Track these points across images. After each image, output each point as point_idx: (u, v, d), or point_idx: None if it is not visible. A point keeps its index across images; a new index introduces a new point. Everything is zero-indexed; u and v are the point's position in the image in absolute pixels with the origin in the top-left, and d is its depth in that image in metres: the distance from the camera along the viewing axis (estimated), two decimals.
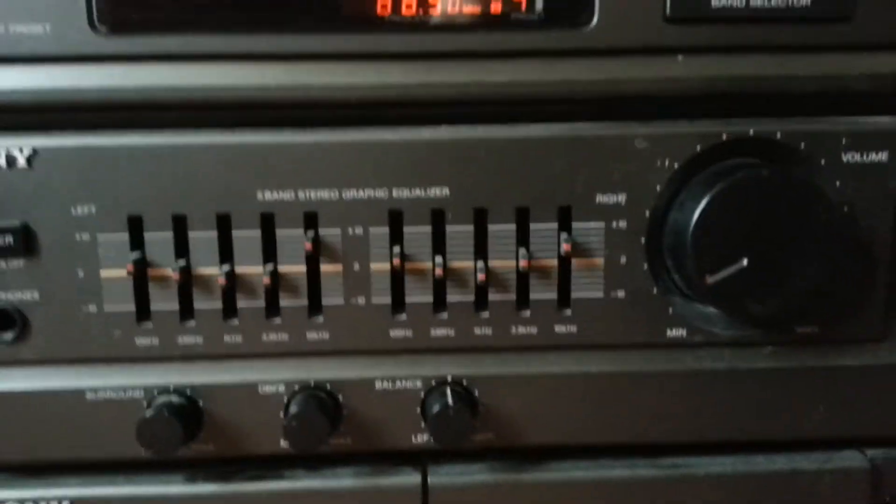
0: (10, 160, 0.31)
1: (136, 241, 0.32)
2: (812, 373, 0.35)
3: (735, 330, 0.34)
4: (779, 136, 0.33)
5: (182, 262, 0.32)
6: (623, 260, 0.33)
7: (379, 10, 0.31)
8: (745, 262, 0.31)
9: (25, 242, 0.32)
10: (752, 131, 0.32)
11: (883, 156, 0.33)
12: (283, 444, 0.33)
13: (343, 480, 0.35)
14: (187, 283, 0.32)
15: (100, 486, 0.34)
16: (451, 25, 0.31)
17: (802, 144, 0.33)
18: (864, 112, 0.33)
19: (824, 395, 0.35)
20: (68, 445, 0.34)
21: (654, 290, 0.34)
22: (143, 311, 0.33)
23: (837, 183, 0.33)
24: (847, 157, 0.33)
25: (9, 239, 0.31)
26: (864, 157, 0.33)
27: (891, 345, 0.35)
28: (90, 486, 0.34)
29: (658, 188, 0.33)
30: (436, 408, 0.33)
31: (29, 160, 0.31)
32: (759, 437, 0.36)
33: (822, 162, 0.33)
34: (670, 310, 0.34)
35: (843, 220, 0.33)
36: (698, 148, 0.32)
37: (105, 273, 0.32)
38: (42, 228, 0.32)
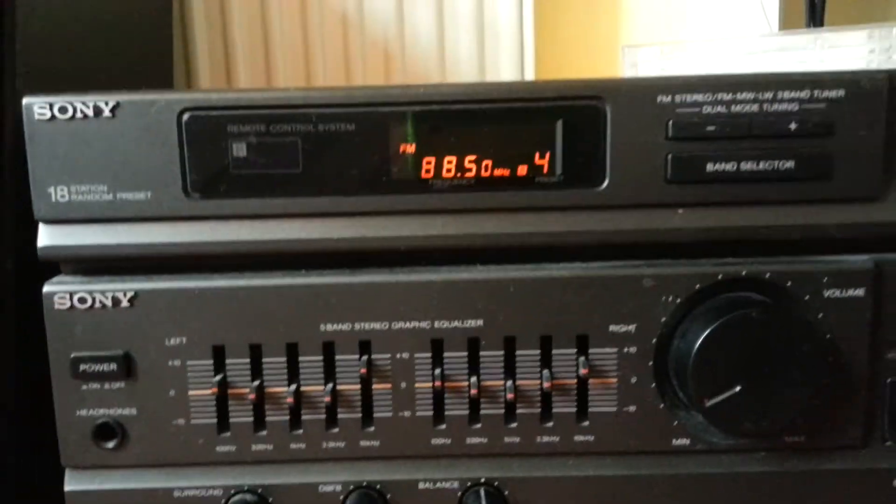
0: (116, 301, 0.37)
1: (219, 366, 0.38)
2: (801, 476, 0.40)
3: (732, 440, 0.40)
4: (768, 275, 0.38)
5: (257, 383, 0.38)
6: (633, 380, 0.39)
7: (423, 174, 0.37)
8: (738, 388, 0.37)
9: (126, 368, 0.38)
10: (744, 272, 0.38)
11: (860, 291, 0.38)
12: None
13: None
14: (261, 401, 0.39)
15: None
16: (483, 185, 0.37)
17: (789, 283, 0.38)
18: (842, 252, 0.39)
19: (814, 495, 0.40)
20: None
21: (661, 406, 0.39)
22: (223, 423, 0.39)
23: (820, 315, 0.38)
24: (828, 293, 0.38)
25: (112, 366, 0.38)
26: (843, 292, 0.38)
27: (871, 451, 0.40)
28: None
29: (663, 319, 0.38)
30: None
31: (131, 300, 0.38)
32: None
33: (807, 297, 0.38)
34: (675, 422, 0.39)
35: (825, 348, 0.38)
36: (697, 286, 0.38)
37: (192, 392, 0.38)
38: (140, 356, 0.38)
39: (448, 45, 0.88)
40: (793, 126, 0.37)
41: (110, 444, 0.39)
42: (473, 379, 0.38)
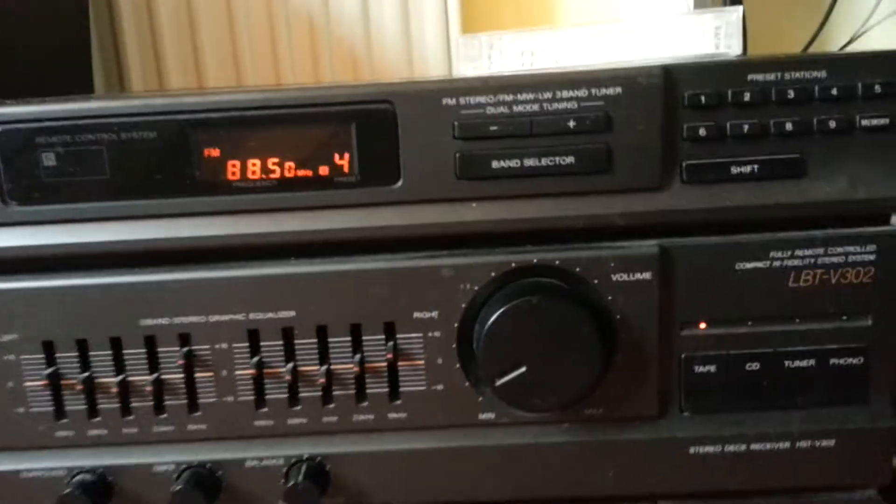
0: None
1: (50, 360, 0.42)
2: (603, 445, 0.44)
3: (534, 414, 0.43)
4: (557, 262, 0.41)
5: (85, 375, 0.42)
6: (440, 361, 0.42)
7: (229, 176, 0.40)
8: (524, 368, 0.40)
9: None
10: (535, 259, 0.41)
11: (647, 275, 0.41)
12: None
13: None
14: (91, 390, 0.42)
15: None
16: (287, 185, 0.40)
17: (577, 268, 0.41)
18: (632, 238, 0.42)
19: (617, 463, 0.44)
20: None
21: (466, 384, 0.43)
22: (60, 411, 0.43)
23: (609, 297, 0.42)
24: (616, 277, 0.41)
25: None
26: (631, 276, 0.41)
27: (668, 421, 0.44)
28: None
29: (463, 306, 0.42)
30: (291, 481, 0.43)
31: None
32: (564, 495, 0.45)
33: (595, 281, 0.41)
34: (480, 399, 0.43)
35: (610, 328, 0.41)
36: (492, 274, 0.41)
37: (28, 384, 0.42)
38: None
39: (373, 14, 0.88)
40: (571, 124, 0.39)
41: None
42: (290, 365, 0.42)
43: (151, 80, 0.85)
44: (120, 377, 0.42)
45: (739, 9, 0.45)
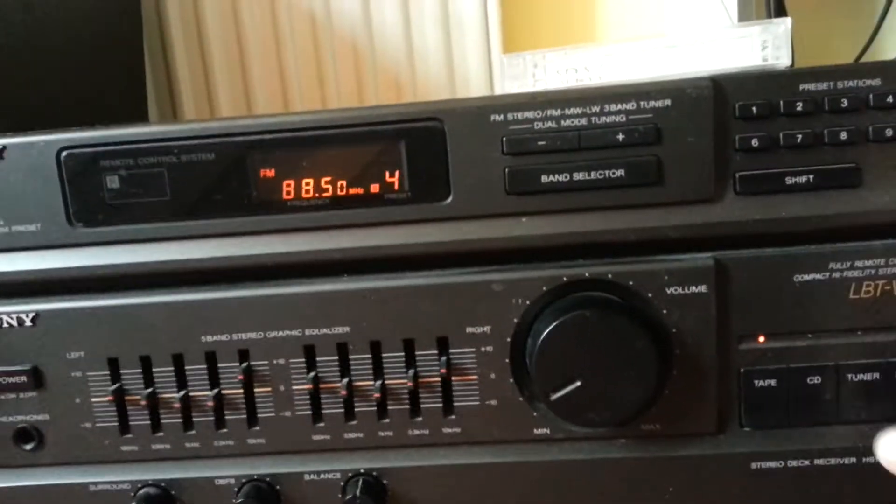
0: (20, 321, 0.43)
1: (115, 376, 0.43)
2: (661, 461, 0.43)
3: (589, 429, 0.43)
4: (609, 276, 0.41)
5: (149, 391, 0.43)
6: (493, 376, 0.43)
7: (284, 195, 0.41)
8: (578, 382, 0.40)
9: (35, 380, 0.43)
10: (587, 273, 0.41)
11: (703, 287, 0.41)
12: None
13: None
14: (155, 405, 0.44)
15: None
16: (340, 203, 0.41)
17: (631, 282, 0.41)
18: (685, 251, 0.41)
19: (674, 479, 0.44)
20: None
21: (520, 399, 0.43)
22: (124, 426, 0.44)
23: (664, 311, 0.41)
24: (670, 291, 0.41)
25: (22, 378, 0.43)
26: (686, 289, 0.41)
27: (728, 436, 0.43)
28: None
29: (515, 320, 0.42)
30: (349, 495, 0.43)
31: (33, 320, 0.43)
32: None
33: (650, 295, 0.41)
34: (535, 414, 0.43)
35: (665, 342, 0.41)
36: (544, 289, 0.41)
37: (94, 399, 0.44)
38: (47, 369, 0.43)
39: (415, 39, 0.90)
40: (620, 137, 0.39)
41: (29, 447, 0.44)
42: (345, 380, 0.43)
43: (203, 110, 0.88)
44: (182, 392, 0.43)
45: (787, 20, 0.45)
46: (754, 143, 0.39)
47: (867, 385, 0.42)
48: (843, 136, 0.39)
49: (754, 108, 0.39)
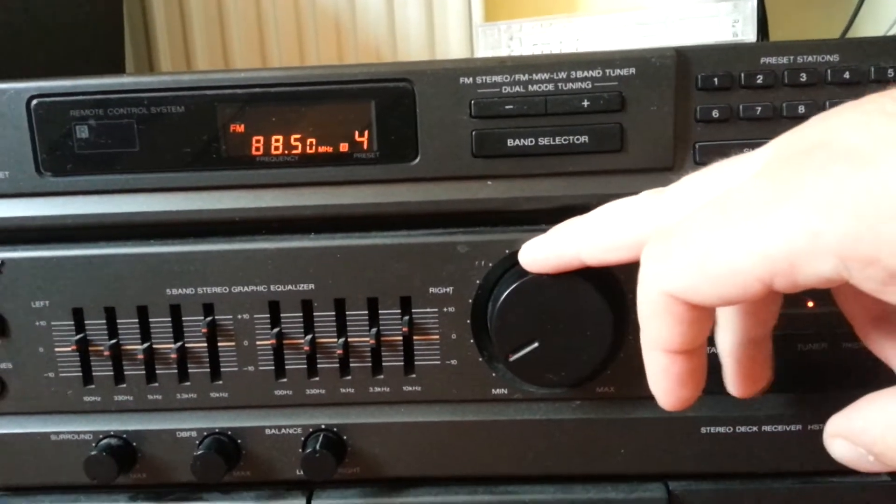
0: None
1: (79, 326, 0.44)
2: (614, 423, 0.45)
3: (546, 390, 0.45)
4: None
5: (113, 342, 0.44)
6: (454, 336, 0.44)
7: (253, 151, 0.42)
8: (536, 344, 0.42)
9: (0, 327, 0.44)
10: None
11: None
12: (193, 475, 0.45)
13: (246, 502, 0.47)
14: (118, 357, 0.44)
15: (64, 502, 0.47)
16: (309, 161, 0.42)
17: None
18: None
19: (626, 441, 0.45)
20: (40, 473, 0.46)
21: (480, 359, 0.44)
22: (87, 377, 0.45)
23: (622, 276, 0.43)
24: None
25: None
26: None
27: None
28: (57, 503, 0.47)
29: (477, 282, 0.43)
30: (309, 449, 0.44)
31: None
32: (575, 472, 0.46)
33: None
34: (493, 374, 0.44)
35: (621, 307, 0.42)
36: (507, 252, 0.43)
37: (58, 349, 0.44)
38: (11, 317, 0.44)
39: (397, 10, 0.90)
40: (585, 103, 0.41)
41: None
42: (308, 337, 0.44)
43: (179, 63, 0.88)
44: (146, 345, 0.44)
45: None
46: (714, 114, 0.41)
47: (814, 355, 0.44)
48: (801, 109, 0.41)
49: (716, 80, 0.41)
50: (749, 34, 0.47)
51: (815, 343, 0.43)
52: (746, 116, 0.41)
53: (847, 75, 0.40)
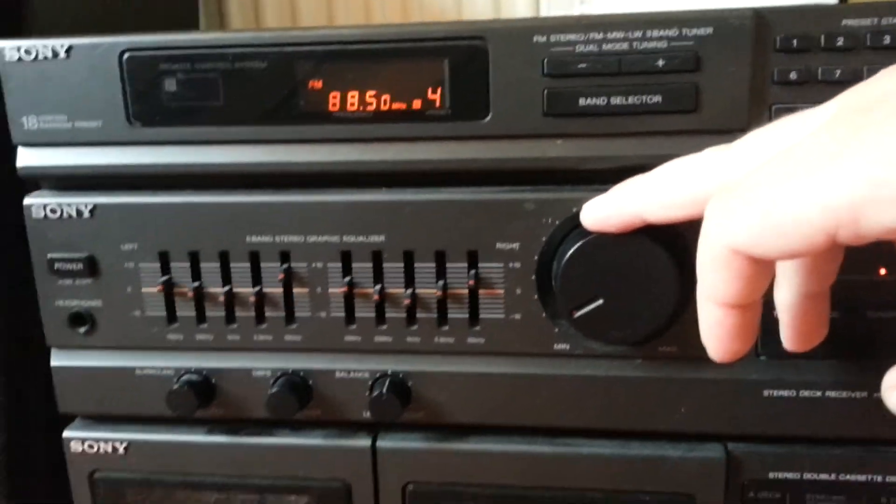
0: (79, 212, 0.46)
1: (165, 269, 0.47)
2: (674, 382, 0.46)
3: (608, 347, 0.46)
4: None
5: (196, 284, 0.47)
6: (518, 291, 0.45)
7: (330, 106, 0.44)
8: (601, 301, 0.42)
9: (90, 268, 0.47)
10: None
11: None
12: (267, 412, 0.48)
13: (315, 439, 0.49)
14: (200, 299, 0.47)
15: (147, 433, 0.50)
16: (382, 117, 0.44)
17: None
18: None
19: (686, 400, 0.46)
20: (125, 404, 0.50)
21: (543, 315, 0.45)
22: (171, 316, 0.48)
23: (689, 235, 0.43)
24: None
25: (79, 265, 0.47)
26: None
27: (743, 363, 0.45)
28: (140, 433, 0.50)
29: (543, 239, 0.44)
30: (375, 393, 0.47)
31: (91, 212, 0.46)
32: (634, 428, 0.47)
33: None
34: (556, 330, 0.46)
35: (689, 269, 0.43)
36: (574, 210, 0.43)
37: (145, 289, 0.47)
38: (102, 258, 0.47)
39: None
40: (660, 63, 0.41)
41: (82, 330, 0.48)
42: (378, 286, 0.46)
43: (249, 20, 0.90)
44: (226, 288, 0.46)
45: None
46: (792, 76, 0.40)
47: (884, 323, 0.43)
48: None
49: (795, 42, 0.40)
50: None
51: (884, 311, 0.43)
52: (825, 79, 0.40)
53: None
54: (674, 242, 0.42)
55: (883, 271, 0.43)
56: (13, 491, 0.54)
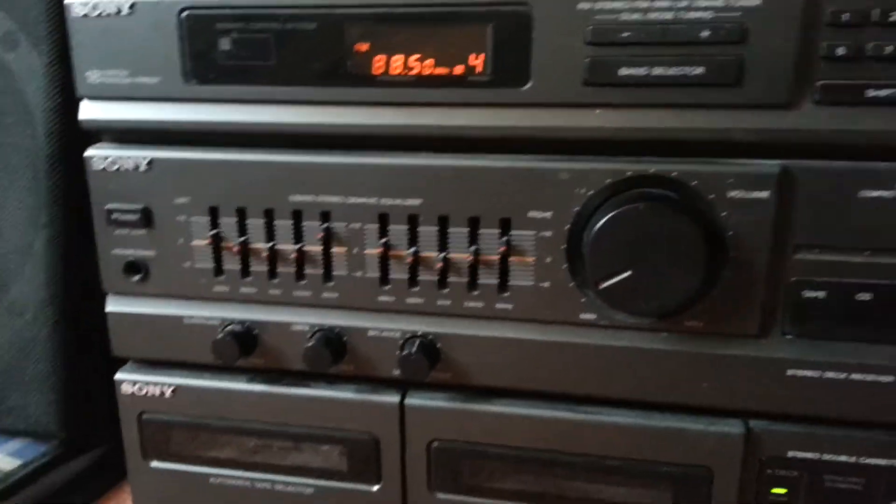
0: (136, 165, 0.41)
1: (214, 223, 0.41)
2: (700, 357, 0.39)
3: (635, 319, 0.39)
4: (674, 174, 0.36)
5: (242, 239, 0.41)
6: (549, 259, 0.38)
7: (374, 70, 0.38)
8: (628, 273, 0.36)
9: (146, 219, 0.42)
10: (652, 170, 0.36)
11: (764, 194, 0.36)
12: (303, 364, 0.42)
13: (348, 393, 0.43)
14: (245, 253, 0.41)
15: (193, 378, 0.45)
16: (425, 82, 0.37)
17: (694, 182, 0.36)
18: (757, 156, 0.36)
19: (709, 376, 0.39)
20: (173, 350, 0.44)
21: (571, 284, 0.39)
22: (218, 268, 0.42)
23: (724, 213, 0.36)
24: (732, 194, 0.36)
25: (135, 216, 0.41)
26: (748, 193, 0.36)
27: (769, 342, 0.38)
28: (186, 378, 0.45)
29: (576, 209, 0.37)
30: (405, 352, 0.40)
31: (148, 165, 0.41)
32: (656, 399, 0.40)
33: (711, 196, 0.36)
34: (583, 299, 0.39)
35: (716, 243, 0.36)
36: (608, 181, 0.37)
37: (195, 242, 0.42)
38: (157, 210, 0.42)
39: None
40: (705, 33, 0.34)
41: (136, 278, 0.43)
42: (412, 249, 0.39)
43: None
44: (270, 244, 0.41)
45: None
46: (840, 51, 0.33)
47: None
48: None
49: (845, 16, 0.33)
50: None
51: None
52: (875, 55, 0.33)
53: None
54: (706, 220, 0.35)
55: None
56: (68, 424, 0.49)
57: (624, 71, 0.35)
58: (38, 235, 0.47)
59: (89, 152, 0.41)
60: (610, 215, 0.35)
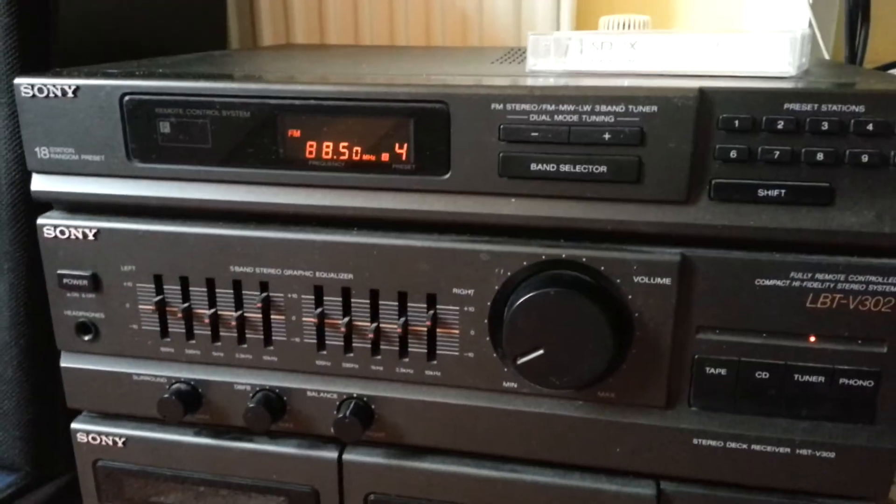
0: (84, 234, 0.47)
1: (159, 289, 0.48)
2: (612, 425, 0.45)
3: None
4: (584, 259, 0.42)
5: (185, 305, 0.47)
6: (472, 332, 0.45)
7: (307, 154, 0.44)
8: (542, 351, 0.42)
9: (95, 284, 0.48)
10: (563, 255, 0.42)
11: (667, 280, 0.42)
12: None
13: (289, 448, 0.50)
14: (189, 318, 0.48)
15: (143, 430, 0.51)
16: (354, 167, 0.43)
17: (602, 267, 0.42)
18: (658, 245, 0.42)
19: (622, 440, 0.46)
20: (124, 404, 0.51)
21: (494, 354, 0.45)
22: (164, 331, 0.49)
23: (630, 297, 0.42)
24: (637, 279, 0.42)
25: (84, 281, 0.48)
26: (651, 279, 0.42)
27: (676, 412, 0.45)
28: (137, 430, 0.51)
29: (496, 287, 0.44)
30: (340, 415, 0.47)
31: (95, 235, 0.47)
32: (573, 461, 0.47)
33: (618, 280, 0.42)
34: (506, 369, 0.45)
35: (621, 323, 0.42)
36: (524, 263, 0.43)
37: (141, 307, 0.48)
38: (104, 276, 0.48)
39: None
40: (606, 136, 0.40)
41: (87, 338, 0.50)
42: (346, 319, 0.46)
43: (280, 36, 0.90)
44: (212, 310, 0.47)
45: (803, 28, 0.43)
46: (733, 154, 0.39)
47: (811, 386, 0.42)
48: (820, 156, 0.38)
49: (737, 122, 0.39)
50: (803, 65, 0.44)
51: (810, 375, 0.42)
52: (765, 159, 0.39)
53: (870, 127, 0.37)
54: (613, 303, 0.41)
55: (812, 338, 0.41)
56: (34, 457, 0.56)
57: (534, 166, 0.41)
58: (2, 280, 0.53)
59: (41, 220, 0.48)
60: (523, 298, 0.42)
